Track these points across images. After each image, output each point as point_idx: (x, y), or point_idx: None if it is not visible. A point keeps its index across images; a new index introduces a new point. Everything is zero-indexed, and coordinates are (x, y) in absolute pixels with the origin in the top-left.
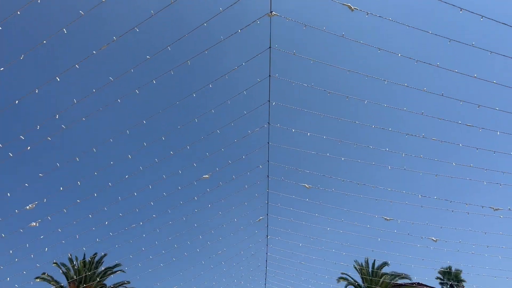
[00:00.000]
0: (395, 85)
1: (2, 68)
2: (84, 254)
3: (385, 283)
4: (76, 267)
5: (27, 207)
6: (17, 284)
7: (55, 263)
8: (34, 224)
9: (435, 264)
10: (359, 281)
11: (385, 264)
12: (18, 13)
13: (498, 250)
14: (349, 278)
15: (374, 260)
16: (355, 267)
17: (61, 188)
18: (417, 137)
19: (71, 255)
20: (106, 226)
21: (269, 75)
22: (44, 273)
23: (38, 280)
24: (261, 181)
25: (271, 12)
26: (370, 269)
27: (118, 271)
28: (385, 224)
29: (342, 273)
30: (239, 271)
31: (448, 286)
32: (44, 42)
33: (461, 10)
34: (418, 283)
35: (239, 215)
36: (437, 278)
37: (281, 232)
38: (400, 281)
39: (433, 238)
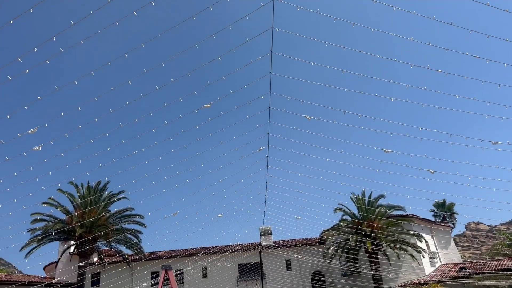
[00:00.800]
0: (403, 12)
1: None
2: (88, 181)
3: (380, 213)
4: (81, 193)
5: (29, 131)
6: (24, 206)
7: (59, 189)
8: (37, 148)
9: (431, 196)
10: (356, 211)
11: (381, 196)
12: None
13: (493, 182)
14: (346, 209)
15: (371, 192)
16: (352, 198)
17: (62, 113)
18: (422, 68)
19: (73, 181)
20: (108, 152)
21: None
22: (50, 198)
23: (45, 205)
24: (262, 112)
25: None
26: (367, 200)
27: (122, 197)
28: (384, 156)
29: (339, 204)
30: (239, 198)
31: (441, 218)
32: None
33: None
34: (412, 215)
35: (240, 145)
36: (431, 210)
37: (281, 162)
38: (395, 213)
39: (430, 170)
